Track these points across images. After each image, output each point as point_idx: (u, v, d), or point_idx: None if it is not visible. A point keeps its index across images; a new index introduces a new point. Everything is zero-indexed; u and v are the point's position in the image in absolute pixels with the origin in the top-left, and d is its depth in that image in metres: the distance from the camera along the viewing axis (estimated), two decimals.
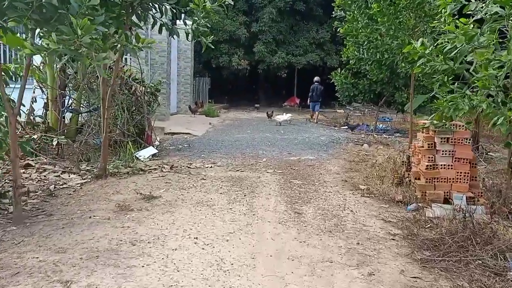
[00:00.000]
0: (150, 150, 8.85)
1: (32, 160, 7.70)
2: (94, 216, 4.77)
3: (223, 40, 22.61)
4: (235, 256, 3.79)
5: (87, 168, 7.56)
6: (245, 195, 5.85)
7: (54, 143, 7.82)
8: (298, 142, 11.42)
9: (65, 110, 8.82)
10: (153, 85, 9.99)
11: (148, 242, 4.03)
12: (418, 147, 6.20)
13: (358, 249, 4.07)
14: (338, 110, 22.98)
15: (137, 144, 9.11)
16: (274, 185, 6.52)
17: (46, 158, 7.91)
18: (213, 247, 3.99)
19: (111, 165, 7.37)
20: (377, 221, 5.00)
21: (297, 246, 4.08)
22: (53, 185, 6.34)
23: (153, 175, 6.91)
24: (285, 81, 26.61)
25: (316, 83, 18.14)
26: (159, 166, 7.64)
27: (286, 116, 15.83)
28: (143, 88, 9.56)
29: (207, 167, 7.78)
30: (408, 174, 6.58)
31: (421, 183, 5.82)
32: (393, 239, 4.38)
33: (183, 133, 12.18)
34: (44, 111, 9.45)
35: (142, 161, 8.35)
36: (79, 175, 7.02)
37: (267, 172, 7.48)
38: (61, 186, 6.34)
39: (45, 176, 6.94)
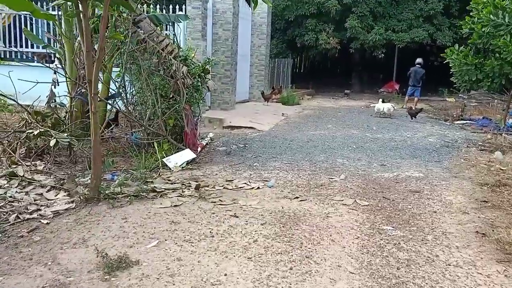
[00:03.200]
0: (185, 155, 6.49)
1: (28, 166, 5.78)
2: None
3: (310, 14, 19.61)
4: None
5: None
6: (291, 268, 3.15)
7: (52, 143, 5.80)
8: (396, 145, 8.28)
9: (76, 97, 6.79)
10: (199, 65, 7.57)
11: None
12: None
13: None
14: (447, 99, 18.84)
15: (172, 145, 6.83)
16: (351, 241, 3.71)
17: (45, 164, 5.96)
18: None
19: (120, 179, 5.15)
20: None
21: None
22: (16, 214, 4.25)
23: (163, 203, 4.49)
24: (383, 62, 22.83)
25: (417, 65, 14.87)
26: (183, 184, 5.23)
27: (385, 106, 12.55)
28: (185, 68, 7.20)
29: (252, 188, 5.18)
30: None
31: None
32: None
33: (245, 127, 9.70)
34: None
35: (172, 170, 6.04)
36: (69, 195, 4.88)
37: (343, 205, 4.66)
38: (29, 215, 4.22)
39: (26, 193, 4.91)
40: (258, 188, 5.19)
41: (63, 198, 4.82)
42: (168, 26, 10.02)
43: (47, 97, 7.52)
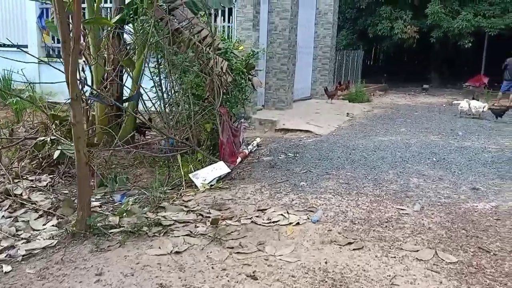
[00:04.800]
0: (217, 169, 5.31)
1: (32, 181, 4.95)
2: None
3: (384, 1, 17.59)
4: None
5: (102, 199, 4.55)
6: None
7: (55, 155, 4.91)
8: (491, 158, 6.45)
9: (90, 99, 5.86)
10: (241, 59, 6.35)
11: None
12: None
13: None
14: None
15: (204, 158, 5.71)
16: None
17: (52, 178, 5.09)
18: None
19: (122, 207, 4.09)
20: None
21: None
22: None
23: (162, 247, 3.32)
24: (468, 53, 20.05)
25: None
26: (201, 214, 4.05)
27: (474, 104, 10.45)
28: (226, 62, 5.99)
29: (290, 223, 3.85)
30: None
31: None
32: None
33: (300, 130, 8.33)
34: None
35: (197, 189, 4.91)
36: (59, 225, 3.90)
37: (418, 260, 3.18)
38: None
39: (15, 218, 4.03)
40: (298, 223, 3.85)
41: (50, 229, 3.86)
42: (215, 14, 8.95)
43: None
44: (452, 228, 3.82)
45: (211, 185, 5.03)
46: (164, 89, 6.40)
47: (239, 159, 6.13)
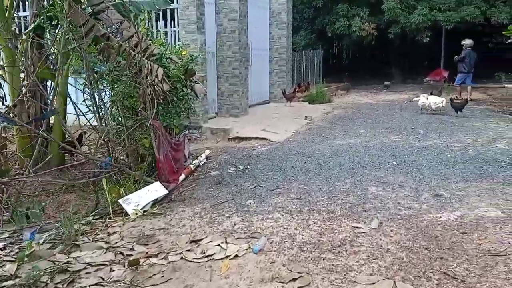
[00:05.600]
0: (153, 192, 4.66)
1: None
2: None
3: None
4: None
5: (10, 238, 3.85)
6: None
7: None
8: (453, 157, 6.05)
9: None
10: (180, 64, 5.72)
11: None
12: None
13: None
14: (506, 86, 15.99)
15: (147, 175, 5.06)
16: None
17: None
18: None
19: (24, 250, 3.39)
20: None
21: None
22: None
23: None
24: (427, 48, 20.09)
25: (468, 48, 12.72)
26: (121, 253, 3.39)
27: (433, 100, 10.20)
28: (161, 69, 5.33)
29: (227, 257, 3.25)
30: None
31: None
32: None
33: (255, 138, 7.74)
34: None
35: (129, 217, 4.25)
36: None
37: None
38: None
39: None
40: (237, 256, 3.25)
41: None
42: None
43: None
44: (413, 248, 3.31)
45: (144, 211, 4.39)
46: (95, 102, 5.70)
47: (182, 177, 5.50)
